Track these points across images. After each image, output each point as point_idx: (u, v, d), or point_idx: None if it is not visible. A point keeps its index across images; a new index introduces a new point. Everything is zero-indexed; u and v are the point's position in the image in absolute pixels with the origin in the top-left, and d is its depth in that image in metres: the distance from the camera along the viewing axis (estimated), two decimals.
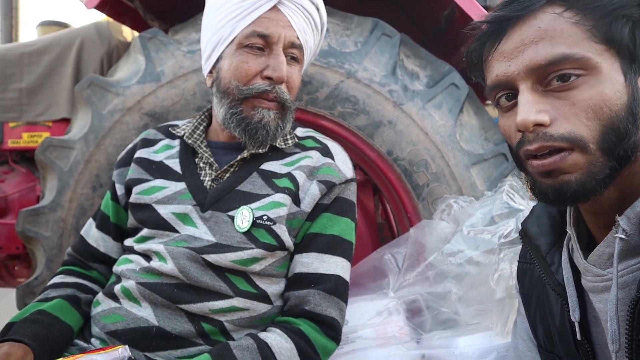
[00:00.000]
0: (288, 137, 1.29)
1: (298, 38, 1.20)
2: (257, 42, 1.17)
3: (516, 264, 1.05)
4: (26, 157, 2.30)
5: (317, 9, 1.25)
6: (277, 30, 1.17)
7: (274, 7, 1.18)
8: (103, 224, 1.34)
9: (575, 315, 0.82)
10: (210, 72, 1.26)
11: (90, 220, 1.38)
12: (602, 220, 0.78)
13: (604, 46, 0.69)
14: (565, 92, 0.69)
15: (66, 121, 2.09)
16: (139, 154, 1.32)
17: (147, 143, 1.34)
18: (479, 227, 1.35)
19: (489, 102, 2.79)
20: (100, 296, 1.22)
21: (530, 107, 0.70)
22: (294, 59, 1.23)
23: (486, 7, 1.95)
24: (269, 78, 1.17)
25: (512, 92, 0.75)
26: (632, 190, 0.73)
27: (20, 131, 2.19)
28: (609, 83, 0.68)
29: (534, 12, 0.71)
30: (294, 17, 1.19)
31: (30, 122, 2.17)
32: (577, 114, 0.68)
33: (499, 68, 0.74)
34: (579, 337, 0.83)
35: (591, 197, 0.70)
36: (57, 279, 1.29)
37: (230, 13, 1.17)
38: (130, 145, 1.38)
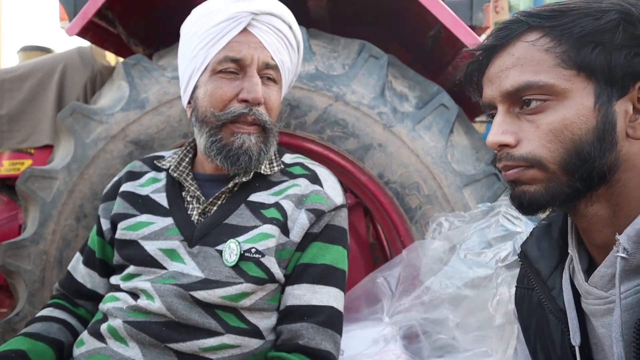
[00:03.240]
0: (274, 162, 1.26)
1: (272, 58, 1.19)
2: (230, 66, 1.15)
3: (514, 288, 1.03)
4: (7, 185, 2.24)
5: (290, 27, 1.24)
6: (249, 53, 1.15)
7: (245, 30, 1.16)
8: (89, 260, 1.31)
9: (576, 339, 0.80)
10: (189, 102, 1.24)
11: (78, 254, 1.35)
12: (597, 238, 0.78)
13: (574, 71, 0.72)
14: (532, 116, 0.75)
15: (49, 148, 2.04)
16: (125, 187, 1.28)
17: (133, 176, 1.31)
18: (475, 250, 1.33)
19: (477, 119, 2.81)
20: (84, 335, 1.17)
21: (498, 129, 0.77)
22: (271, 80, 1.21)
23: (472, 27, 1.96)
24: (244, 101, 1.15)
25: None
26: (622, 208, 0.74)
27: (2, 159, 2.14)
28: (573, 108, 0.72)
29: (513, 40, 0.77)
30: (265, 38, 1.18)
31: (11, 150, 2.12)
32: (539, 137, 0.74)
33: (486, 91, 0.81)
34: None
35: (545, 209, 0.77)
36: (46, 312, 1.26)
37: (201, 41, 1.16)
38: (115, 179, 1.35)
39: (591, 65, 0.71)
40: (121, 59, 2.04)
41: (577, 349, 0.80)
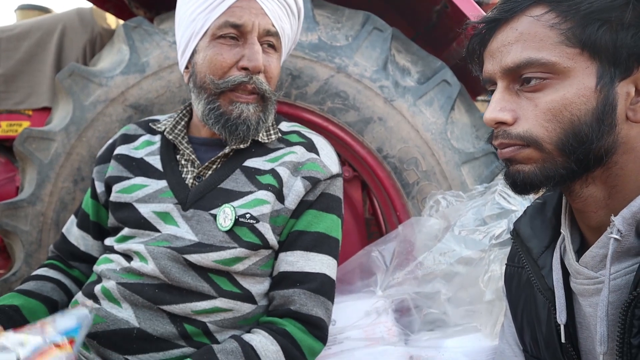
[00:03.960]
0: (271, 130, 1.25)
1: (273, 25, 1.17)
2: (231, 32, 1.13)
3: (505, 266, 1.04)
4: (5, 146, 2.23)
5: None
6: (251, 19, 1.13)
7: None
8: (83, 223, 1.31)
9: (562, 317, 0.81)
10: (187, 67, 1.23)
11: (72, 217, 1.35)
12: (591, 219, 0.78)
13: (578, 49, 0.70)
14: (532, 93, 0.73)
15: (47, 110, 2.03)
16: (119, 150, 1.28)
17: (127, 139, 1.30)
18: (470, 227, 1.33)
19: (479, 98, 2.79)
20: (79, 296, 1.18)
21: (496, 106, 0.76)
22: (271, 47, 1.19)
23: (479, 3, 1.93)
24: (245, 68, 1.14)
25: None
26: (618, 190, 0.74)
27: None
28: (574, 87, 0.71)
29: (518, 14, 0.75)
30: (267, 4, 1.15)
31: (9, 111, 2.10)
32: (537, 115, 0.72)
33: (486, 65, 0.79)
34: (563, 339, 0.82)
35: (539, 189, 0.76)
36: (41, 271, 1.27)
37: (201, 4, 1.13)
38: (109, 141, 1.34)
39: (596, 44, 0.70)
40: (122, 22, 2.01)
41: (562, 327, 0.82)
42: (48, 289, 1.21)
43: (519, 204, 1.30)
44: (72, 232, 1.32)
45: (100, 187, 1.28)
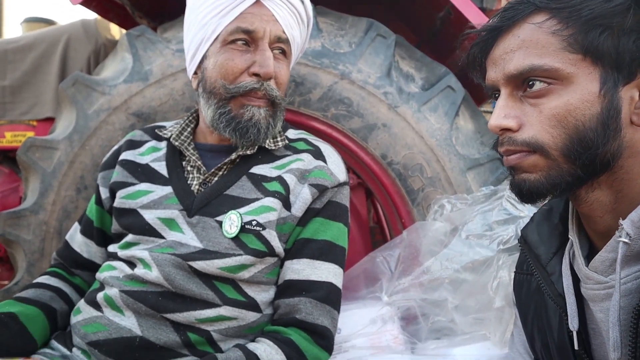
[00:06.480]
0: (278, 137, 1.25)
1: (284, 32, 1.17)
2: (242, 37, 1.14)
3: (514, 273, 1.02)
4: (9, 156, 2.24)
5: (302, 1, 1.22)
6: (262, 25, 1.14)
7: (258, 2, 1.14)
8: (87, 229, 1.31)
9: (574, 324, 0.80)
10: (195, 72, 1.23)
11: (76, 224, 1.35)
12: (598, 224, 0.78)
13: (580, 55, 0.70)
14: (536, 100, 0.73)
15: (51, 120, 2.04)
16: (124, 156, 1.27)
17: (133, 145, 1.30)
18: (477, 233, 1.32)
19: (482, 109, 2.78)
20: (81, 304, 1.17)
21: (500, 113, 0.75)
22: (282, 53, 1.20)
23: (482, 9, 1.93)
24: (256, 74, 1.14)
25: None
26: (624, 195, 0.74)
27: (3, 130, 2.13)
28: (578, 93, 0.70)
29: (519, 22, 0.75)
30: (278, 11, 1.16)
31: (13, 121, 2.11)
32: (542, 122, 0.72)
33: (489, 73, 0.79)
34: (576, 346, 0.81)
35: (545, 197, 0.76)
36: (41, 279, 1.26)
37: (212, 10, 1.13)
38: (115, 147, 1.34)
39: (598, 50, 0.70)
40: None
41: (574, 333, 0.80)
42: (47, 297, 1.20)
43: (527, 209, 1.29)
44: (76, 238, 1.31)
45: (104, 193, 1.28)
